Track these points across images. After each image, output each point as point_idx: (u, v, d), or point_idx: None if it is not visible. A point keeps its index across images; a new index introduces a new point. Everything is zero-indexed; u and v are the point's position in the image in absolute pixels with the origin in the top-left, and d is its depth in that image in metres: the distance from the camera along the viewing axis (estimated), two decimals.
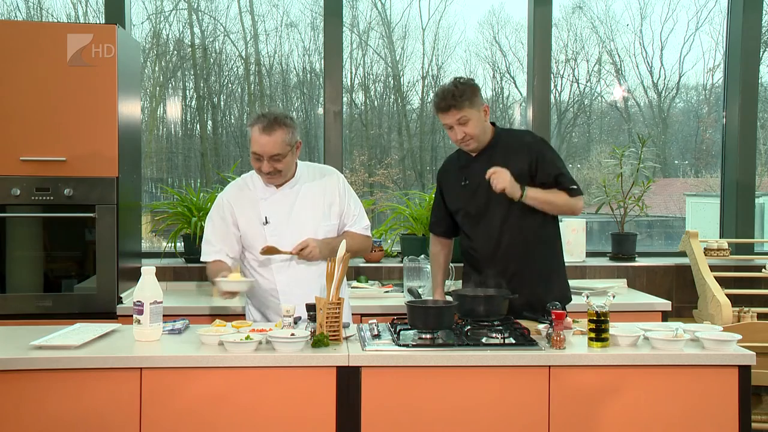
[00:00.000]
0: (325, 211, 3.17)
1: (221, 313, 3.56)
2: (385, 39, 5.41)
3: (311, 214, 3.14)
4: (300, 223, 3.12)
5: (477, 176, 3.16)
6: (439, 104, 3.10)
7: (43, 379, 2.53)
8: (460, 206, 3.26)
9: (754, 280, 4.54)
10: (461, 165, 3.28)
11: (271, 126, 2.99)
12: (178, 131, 5.41)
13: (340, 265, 2.73)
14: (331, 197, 3.19)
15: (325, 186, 3.20)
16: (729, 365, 2.63)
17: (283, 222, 3.12)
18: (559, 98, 5.50)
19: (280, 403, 2.57)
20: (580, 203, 3.17)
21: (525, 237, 3.14)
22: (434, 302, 2.96)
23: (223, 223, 3.16)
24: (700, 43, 5.43)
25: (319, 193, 3.17)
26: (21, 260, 3.71)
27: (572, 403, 2.62)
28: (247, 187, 3.20)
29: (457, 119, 3.08)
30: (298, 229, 3.10)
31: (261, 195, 3.16)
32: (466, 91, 3.08)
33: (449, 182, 3.33)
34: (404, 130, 5.55)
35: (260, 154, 3.02)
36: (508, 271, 3.11)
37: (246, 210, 3.15)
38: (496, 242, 3.15)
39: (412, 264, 3.88)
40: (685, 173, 5.74)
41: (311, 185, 3.18)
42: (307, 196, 3.16)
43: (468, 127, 3.09)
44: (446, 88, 3.10)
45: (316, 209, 3.15)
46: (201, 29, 5.31)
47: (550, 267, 3.23)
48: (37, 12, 5.15)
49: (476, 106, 3.10)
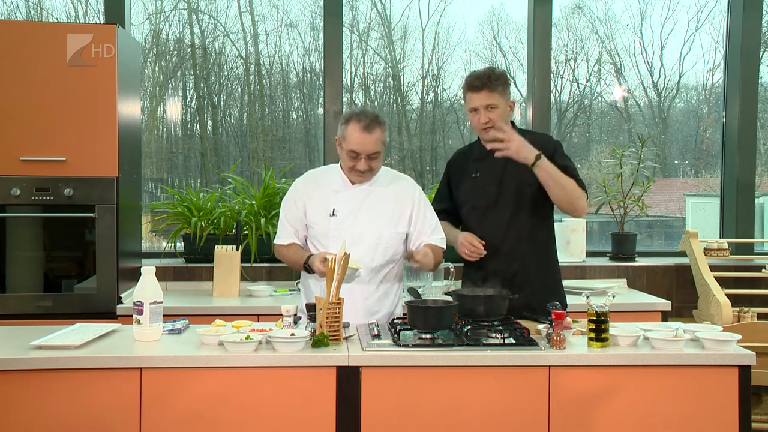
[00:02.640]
0: (394, 216, 3.12)
1: (221, 313, 3.56)
2: (384, 39, 5.41)
3: (379, 215, 3.11)
4: (366, 221, 3.09)
5: (489, 170, 3.16)
6: (473, 83, 3.09)
7: (43, 379, 2.53)
8: (468, 198, 3.24)
9: (754, 280, 4.54)
10: (474, 158, 3.27)
11: (372, 125, 3.00)
12: (178, 131, 5.41)
13: (340, 265, 2.73)
14: (403, 204, 3.15)
15: (399, 192, 3.16)
16: (729, 365, 2.63)
17: (350, 216, 3.09)
18: (559, 98, 5.51)
19: (280, 403, 2.57)
20: (584, 201, 3.12)
21: (529, 236, 3.14)
22: (434, 302, 2.95)
23: (295, 207, 3.16)
24: (700, 43, 5.43)
25: (391, 198, 3.14)
26: (21, 260, 3.71)
27: (572, 403, 2.62)
28: (324, 178, 3.19)
29: (486, 103, 3.07)
30: (363, 227, 3.07)
31: (335, 187, 3.14)
32: (501, 77, 3.10)
33: (459, 173, 3.31)
34: (404, 130, 5.54)
35: (359, 152, 3.01)
36: (510, 268, 3.12)
37: (316, 199, 3.14)
38: (501, 238, 3.14)
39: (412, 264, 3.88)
40: (685, 173, 5.74)
41: (386, 188, 3.15)
42: (379, 197, 3.13)
43: (494, 114, 3.08)
44: (482, 70, 3.11)
45: (385, 212, 3.12)
46: (201, 29, 5.32)
47: (551, 268, 3.24)
48: (37, 12, 5.15)
49: (506, 97, 3.11)
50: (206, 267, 4.29)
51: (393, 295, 3.20)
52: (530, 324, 2.90)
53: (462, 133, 5.63)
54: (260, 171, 4.80)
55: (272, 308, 3.65)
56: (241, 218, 4.27)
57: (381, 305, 3.13)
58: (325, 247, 3.07)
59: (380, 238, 3.09)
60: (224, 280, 4.00)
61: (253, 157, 5.34)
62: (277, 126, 5.55)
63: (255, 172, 5.18)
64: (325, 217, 3.11)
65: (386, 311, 3.15)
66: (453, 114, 5.59)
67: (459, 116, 5.59)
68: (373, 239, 3.08)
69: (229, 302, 3.84)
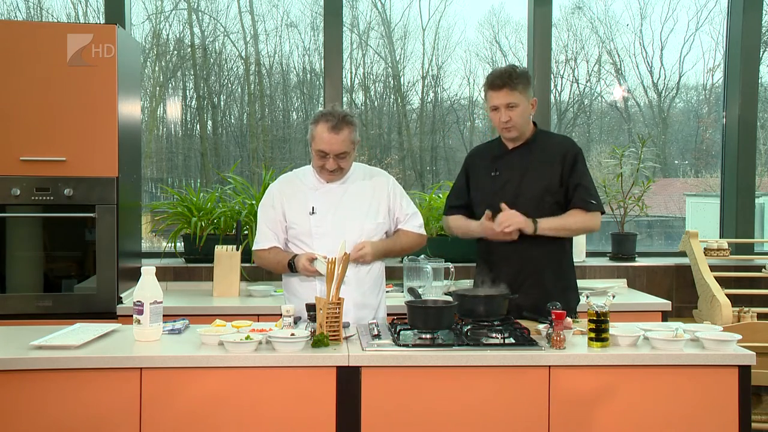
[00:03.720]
0: (372, 209, 3.18)
1: (221, 313, 3.56)
2: (385, 39, 5.41)
3: (358, 209, 3.16)
4: (346, 217, 3.13)
5: (509, 170, 3.15)
6: (494, 82, 3.08)
7: (43, 379, 2.53)
8: (486, 196, 3.18)
9: (754, 280, 4.54)
10: (494, 155, 3.24)
11: (339, 125, 3.03)
12: (178, 131, 5.41)
13: (340, 266, 2.73)
14: (380, 197, 3.21)
15: (375, 186, 3.22)
16: (729, 365, 2.63)
17: (329, 213, 3.14)
18: (559, 98, 5.51)
19: (280, 403, 2.57)
20: (598, 220, 3.14)
21: (544, 239, 3.08)
22: (434, 302, 2.95)
23: (273, 211, 3.20)
24: (700, 43, 5.43)
25: (369, 192, 3.20)
26: (21, 260, 3.71)
27: (572, 403, 2.62)
28: (298, 179, 3.24)
29: (507, 102, 3.06)
30: (344, 222, 3.12)
31: (311, 186, 3.19)
32: (522, 75, 3.08)
33: (478, 170, 3.28)
34: (404, 130, 5.54)
35: (327, 152, 3.05)
36: (524, 270, 3.10)
37: (294, 200, 3.18)
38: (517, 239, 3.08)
39: (412, 264, 3.88)
40: (685, 173, 5.74)
41: (361, 183, 3.20)
42: (356, 193, 3.18)
43: (514, 113, 3.06)
44: (503, 68, 3.10)
45: (363, 206, 3.17)
46: (201, 29, 5.32)
47: (565, 272, 3.20)
48: (37, 12, 5.15)
49: (527, 96, 3.09)
50: (206, 267, 4.29)
51: (379, 287, 3.26)
52: (530, 324, 2.90)
53: (462, 133, 5.64)
54: (260, 171, 4.80)
55: (272, 308, 3.65)
56: (241, 218, 4.27)
57: (367, 298, 3.17)
58: (309, 246, 3.12)
59: (362, 231, 3.14)
60: (224, 280, 4.00)
61: (253, 157, 5.34)
62: (277, 126, 5.56)
63: (255, 172, 5.18)
64: (305, 215, 3.15)
65: (374, 302, 3.21)
66: (453, 114, 5.59)
67: (459, 116, 5.59)
68: (355, 233, 3.12)
69: (229, 302, 3.84)
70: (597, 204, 3.12)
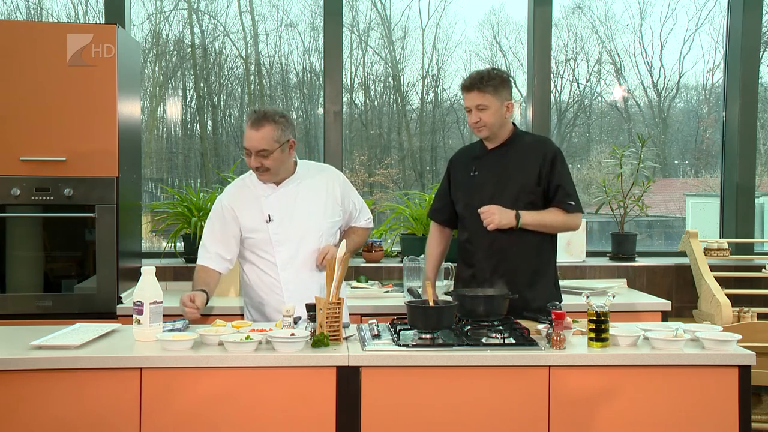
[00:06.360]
0: (328, 207, 3.20)
1: (221, 313, 3.56)
2: (384, 39, 5.41)
3: (314, 210, 3.17)
4: (303, 220, 3.14)
5: (486, 170, 3.20)
6: (465, 83, 3.16)
7: (43, 379, 2.53)
8: (465, 196, 3.26)
9: (754, 280, 4.54)
10: (474, 155, 3.30)
11: (259, 121, 3.02)
12: (178, 131, 5.41)
13: (340, 266, 2.73)
14: (333, 193, 3.22)
15: (326, 182, 3.23)
16: (729, 365, 2.63)
17: (286, 218, 3.14)
18: (559, 98, 5.51)
19: (280, 403, 2.57)
20: (578, 220, 3.22)
21: (523, 237, 3.13)
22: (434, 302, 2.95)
23: (222, 224, 3.17)
24: (700, 43, 5.43)
25: (321, 189, 3.20)
26: (21, 260, 3.71)
27: (572, 403, 2.62)
28: (247, 187, 3.21)
29: (476, 103, 3.12)
30: (302, 225, 3.13)
31: (262, 193, 3.17)
32: (494, 79, 3.12)
33: (459, 170, 3.34)
34: (404, 130, 5.55)
35: (248, 148, 3.06)
36: (500, 268, 3.12)
37: (248, 208, 3.16)
38: (493, 237, 3.13)
39: (412, 264, 3.88)
40: (685, 173, 5.74)
41: (312, 182, 3.20)
42: (309, 193, 3.18)
43: (484, 114, 3.12)
44: (478, 71, 3.17)
45: (319, 205, 3.18)
46: (201, 29, 5.32)
47: (541, 270, 3.21)
48: (37, 12, 5.15)
49: (499, 98, 3.13)
50: None
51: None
52: (530, 324, 2.90)
53: (462, 133, 5.63)
54: None
55: None
56: None
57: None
58: (270, 254, 3.13)
59: (320, 233, 3.16)
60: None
61: None
62: None
63: None
64: (262, 223, 3.14)
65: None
66: (453, 114, 5.59)
67: (459, 116, 5.59)
68: (315, 237, 3.15)
69: (229, 302, 3.84)
70: (576, 205, 3.17)
